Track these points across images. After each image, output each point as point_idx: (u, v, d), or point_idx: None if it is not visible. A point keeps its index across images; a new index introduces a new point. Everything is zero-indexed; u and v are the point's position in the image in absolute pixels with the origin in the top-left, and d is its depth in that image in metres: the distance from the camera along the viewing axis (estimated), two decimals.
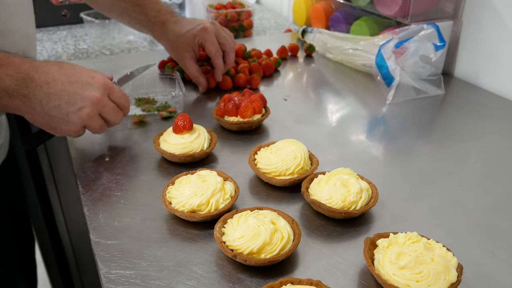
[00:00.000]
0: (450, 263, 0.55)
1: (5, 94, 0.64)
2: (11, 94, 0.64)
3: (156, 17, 1.00)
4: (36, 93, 0.65)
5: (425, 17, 1.14)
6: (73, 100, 0.68)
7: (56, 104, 0.67)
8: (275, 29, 1.65)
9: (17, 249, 0.97)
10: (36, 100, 0.65)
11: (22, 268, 0.99)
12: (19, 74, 0.64)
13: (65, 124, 0.69)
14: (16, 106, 0.66)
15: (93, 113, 0.70)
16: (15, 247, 0.96)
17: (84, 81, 0.69)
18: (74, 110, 0.68)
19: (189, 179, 0.69)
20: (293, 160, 0.72)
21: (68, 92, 0.67)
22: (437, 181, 0.78)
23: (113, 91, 0.72)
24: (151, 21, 1.00)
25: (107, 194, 0.72)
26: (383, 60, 1.05)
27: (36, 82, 0.65)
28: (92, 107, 0.69)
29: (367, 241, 0.59)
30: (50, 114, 0.67)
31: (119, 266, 0.59)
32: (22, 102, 0.65)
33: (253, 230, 0.58)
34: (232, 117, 0.88)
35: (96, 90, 0.69)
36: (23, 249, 1.01)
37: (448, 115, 1.02)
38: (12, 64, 0.65)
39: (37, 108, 0.66)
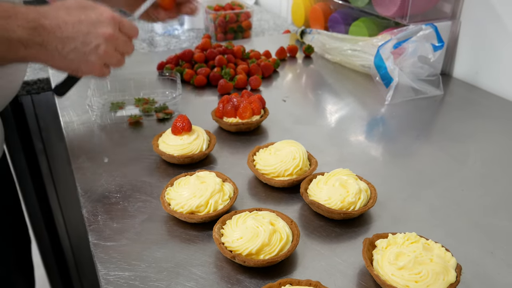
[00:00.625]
0: (449, 263, 0.55)
1: (20, 46, 0.64)
2: (26, 44, 0.64)
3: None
4: (50, 40, 0.65)
5: (423, 18, 1.14)
6: (87, 39, 0.67)
7: (72, 47, 0.67)
8: (273, 30, 1.65)
9: (14, 248, 0.97)
10: (52, 46, 0.65)
11: (19, 268, 0.99)
12: (29, 23, 0.63)
13: (85, 64, 0.69)
14: (33, 55, 0.66)
15: (109, 49, 0.70)
16: (12, 246, 0.96)
17: (94, 19, 0.68)
18: (90, 50, 0.68)
19: (188, 180, 0.69)
20: (292, 161, 0.72)
21: (82, 32, 0.67)
22: (436, 181, 0.78)
23: (123, 24, 0.72)
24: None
25: (106, 196, 0.72)
26: (381, 61, 1.05)
27: (48, 29, 0.64)
28: (107, 44, 0.69)
29: (366, 241, 0.59)
30: (68, 58, 0.67)
31: (118, 268, 0.59)
32: (38, 50, 0.65)
33: (252, 231, 0.58)
34: (231, 118, 0.88)
35: (107, 26, 0.69)
36: (20, 249, 1.01)
37: (447, 116, 1.02)
38: (20, 14, 0.64)
39: (54, 54, 0.66)
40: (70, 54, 0.67)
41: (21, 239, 1.02)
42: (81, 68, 0.69)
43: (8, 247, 0.93)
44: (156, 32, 1.61)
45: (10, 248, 0.94)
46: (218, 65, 1.15)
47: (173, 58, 1.19)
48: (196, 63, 1.17)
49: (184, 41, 1.51)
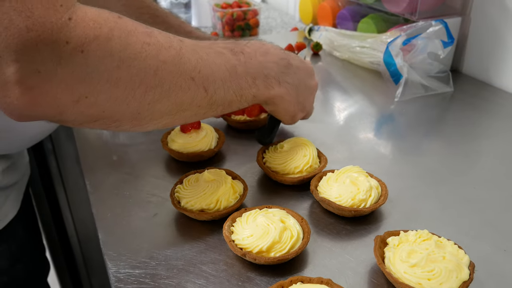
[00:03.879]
0: (462, 261, 0.54)
1: (275, 83, 0.64)
2: (279, 81, 0.65)
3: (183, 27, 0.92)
4: (294, 78, 0.66)
5: (433, 14, 1.13)
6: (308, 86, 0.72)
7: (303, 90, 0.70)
8: (281, 27, 1.64)
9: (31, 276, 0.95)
10: (295, 85, 0.67)
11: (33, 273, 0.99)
12: (282, 59, 0.65)
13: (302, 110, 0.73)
14: (280, 94, 0.66)
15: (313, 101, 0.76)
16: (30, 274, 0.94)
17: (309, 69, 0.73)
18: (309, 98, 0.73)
19: (198, 178, 0.69)
20: (302, 158, 0.72)
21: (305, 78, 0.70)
22: (447, 179, 0.77)
23: None
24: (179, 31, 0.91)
25: (115, 194, 0.72)
26: (391, 58, 1.04)
27: (293, 67, 0.67)
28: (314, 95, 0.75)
29: (377, 239, 0.58)
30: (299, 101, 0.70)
31: (128, 266, 0.59)
32: (286, 88, 0.66)
33: (263, 229, 0.58)
34: (239, 116, 0.87)
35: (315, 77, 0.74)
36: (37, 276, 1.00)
37: (457, 113, 1.01)
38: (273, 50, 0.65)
39: (293, 93, 0.68)
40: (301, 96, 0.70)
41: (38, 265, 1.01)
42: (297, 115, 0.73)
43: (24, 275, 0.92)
44: None
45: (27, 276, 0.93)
46: None
47: None
48: None
49: None
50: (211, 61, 0.55)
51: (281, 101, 0.67)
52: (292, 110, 0.71)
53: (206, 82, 0.54)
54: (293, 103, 0.69)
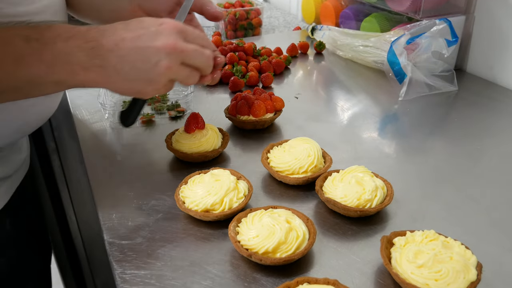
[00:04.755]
0: (469, 261, 0.54)
1: (80, 69, 0.58)
2: (85, 67, 0.58)
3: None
4: (109, 59, 0.59)
5: (437, 13, 1.12)
6: (146, 55, 0.60)
7: (131, 66, 0.60)
8: (284, 27, 1.64)
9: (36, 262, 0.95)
10: (111, 67, 0.59)
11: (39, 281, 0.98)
12: (88, 43, 0.58)
13: (149, 84, 0.62)
14: (93, 79, 0.60)
15: (172, 63, 0.61)
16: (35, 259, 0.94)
17: (152, 31, 0.60)
18: (151, 67, 0.60)
19: (202, 178, 0.68)
20: (307, 158, 0.71)
21: (139, 48, 0.59)
22: (452, 178, 0.77)
23: (188, 32, 0.63)
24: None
25: (120, 194, 0.72)
26: (395, 57, 1.04)
27: (105, 47, 0.58)
28: (168, 57, 0.60)
29: (384, 239, 0.58)
30: (129, 79, 0.60)
31: (134, 266, 0.59)
32: (98, 73, 0.59)
33: (268, 229, 0.57)
34: (245, 116, 0.87)
35: (168, 37, 0.60)
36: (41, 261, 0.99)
37: (461, 111, 1.00)
38: (79, 34, 0.58)
39: (113, 75, 0.60)
40: (130, 74, 0.60)
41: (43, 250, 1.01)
42: (145, 89, 0.62)
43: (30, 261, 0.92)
44: None
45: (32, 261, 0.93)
46: (229, 62, 1.15)
47: None
48: None
49: None
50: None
51: (98, 85, 0.61)
52: (127, 89, 0.62)
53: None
54: (120, 83, 0.61)
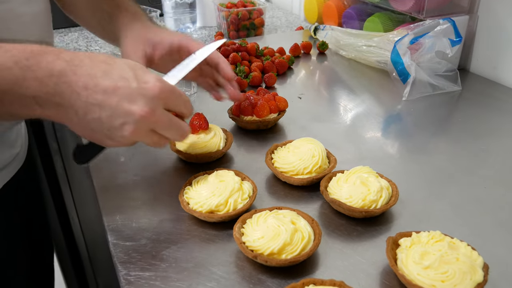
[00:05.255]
0: (476, 262, 0.54)
1: (34, 104, 0.52)
2: (42, 104, 0.53)
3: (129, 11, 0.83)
4: (72, 102, 0.53)
5: (440, 12, 1.12)
6: (116, 113, 0.53)
7: (96, 117, 0.54)
8: (286, 27, 1.63)
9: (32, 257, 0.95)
10: (73, 110, 0.53)
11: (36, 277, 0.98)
12: (51, 77, 0.52)
13: (110, 139, 0.56)
14: (50, 116, 0.55)
15: (138, 131, 0.55)
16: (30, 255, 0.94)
17: (133, 89, 0.54)
18: (116, 126, 0.54)
19: (207, 179, 0.68)
20: (311, 159, 0.71)
21: (111, 102, 0.53)
22: (457, 178, 0.76)
23: (170, 99, 0.57)
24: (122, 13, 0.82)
25: (123, 195, 0.72)
26: (398, 56, 1.04)
27: (72, 87, 0.52)
28: (136, 124, 0.54)
29: (389, 240, 0.58)
30: (90, 128, 0.55)
31: (138, 268, 0.58)
32: (57, 111, 0.54)
33: (273, 230, 0.57)
34: (248, 116, 0.87)
35: (146, 103, 0.54)
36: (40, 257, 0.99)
37: (465, 111, 1.00)
38: (44, 63, 0.52)
39: (74, 119, 0.54)
40: (92, 124, 0.54)
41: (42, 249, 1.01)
42: (105, 142, 0.57)
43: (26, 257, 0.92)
44: None
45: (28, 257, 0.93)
46: (232, 62, 1.14)
47: None
48: None
49: (196, 39, 1.51)
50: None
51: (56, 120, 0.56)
52: (86, 135, 0.57)
53: None
54: (79, 128, 0.56)
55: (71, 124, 0.56)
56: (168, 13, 1.57)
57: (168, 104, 0.57)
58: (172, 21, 1.57)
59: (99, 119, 0.54)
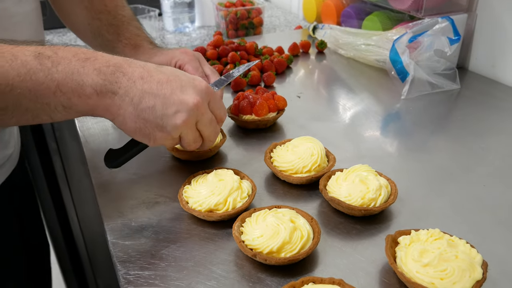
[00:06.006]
0: (475, 260, 0.54)
1: (92, 92, 0.55)
2: (99, 91, 0.55)
3: (130, 39, 0.87)
4: (128, 89, 0.56)
5: (439, 11, 1.12)
6: (170, 101, 0.58)
7: (151, 105, 0.57)
8: (285, 26, 1.64)
9: (28, 258, 0.95)
10: (128, 98, 0.56)
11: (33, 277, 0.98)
12: (109, 67, 0.56)
13: (160, 130, 0.59)
14: (105, 106, 0.57)
15: (190, 120, 0.59)
16: (26, 256, 0.94)
17: (184, 81, 0.59)
18: (169, 114, 0.58)
19: (206, 178, 0.68)
20: (310, 158, 0.71)
21: (165, 92, 0.57)
22: (456, 177, 0.77)
23: (214, 100, 0.62)
24: (122, 42, 0.87)
25: (122, 195, 0.72)
26: (397, 55, 1.04)
27: (128, 76, 0.56)
28: (189, 113, 0.58)
29: (389, 238, 0.58)
30: (143, 117, 0.58)
31: (138, 267, 0.58)
32: (112, 100, 0.56)
33: (273, 229, 0.57)
34: (247, 115, 0.87)
35: (197, 94, 0.59)
36: (35, 257, 0.99)
37: (464, 110, 1.00)
38: (100, 57, 0.56)
39: (128, 108, 0.57)
40: (146, 112, 0.57)
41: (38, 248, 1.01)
42: (154, 134, 0.59)
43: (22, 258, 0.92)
44: (167, 30, 1.60)
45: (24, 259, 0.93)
46: (231, 62, 1.14)
47: None
48: (209, 60, 1.16)
49: (195, 39, 1.51)
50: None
51: (108, 114, 0.58)
52: (135, 128, 0.59)
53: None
54: (131, 119, 0.58)
55: (124, 116, 0.58)
56: (167, 12, 1.57)
57: (211, 103, 0.62)
58: (170, 20, 1.57)
59: (153, 108, 0.57)
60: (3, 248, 0.85)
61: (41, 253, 1.02)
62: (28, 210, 0.97)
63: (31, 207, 0.99)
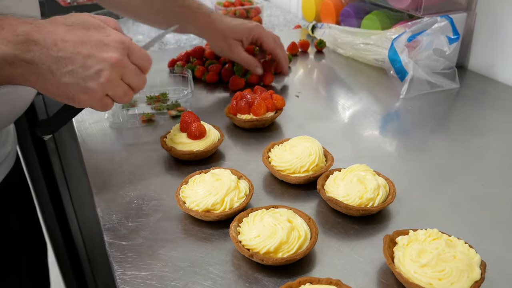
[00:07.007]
0: (473, 260, 0.53)
1: (4, 63, 0.54)
2: (11, 62, 0.54)
3: (200, 9, 1.00)
4: (43, 58, 0.55)
5: (438, 10, 1.12)
6: (88, 63, 0.57)
7: (69, 69, 0.56)
8: (284, 25, 1.63)
9: (27, 256, 0.95)
10: (45, 66, 0.55)
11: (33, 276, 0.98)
12: (18, 36, 0.54)
13: (84, 92, 0.59)
14: (22, 75, 0.56)
15: (113, 77, 0.59)
16: (25, 254, 0.94)
17: (98, 41, 0.58)
18: (91, 75, 0.57)
19: (203, 178, 0.68)
20: (308, 157, 0.71)
21: (82, 54, 0.57)
22: (455, 176, 0.76)
23: (133, 51, 0.62)
24: (194, 12, 0.99)
25: (120, 195, 0.72)
26: (396, 54, 1.04)
27: (41, 45, 0.55)
28: (111, 70, 0.58)
29: (387, 238, 0.57)
30: (64, 82, 0.57)
31: (134, 267, 0.58)
32: (28, 69, 0.56)
33: (270, 229, 0.57)
34: (245, 115, 0.86)
35: (114, 50, 0.59)
36: (34, 255, 0.99)
37: (463, 109, 1.00)
38: (8, 26, 0.55)
39: (47, 75, 0.56)
40: (66, 77, 0.57)
41: (35, 246, 1.01)
42: (78, 96, 0.59)
43: (21, 256, 0.92)
44: None
45: (23, 256, 0.93)
46: (229, 61, 1.14)
47: (183, 55, 1.18)
48: (207, 60, 1.16)
49: (194, 38, 1.50)
50: None
51: (27, 82, 0.58)
52: (59, 93, 0.59)
53: None
54: (52, 85, 0.58)
55: (44, 82, 0.57)
56: None
57: (130, 55, 0.61)
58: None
59: (72, 71, 0.57)
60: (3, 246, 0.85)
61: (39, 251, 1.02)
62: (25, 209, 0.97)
63: (29, 206, 0.99)
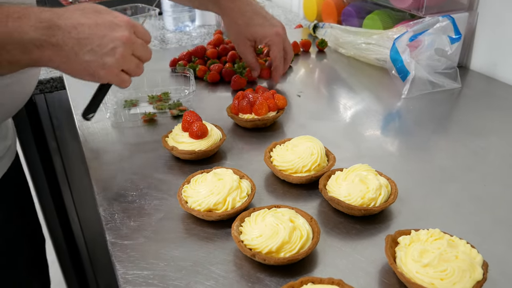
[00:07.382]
0: (475, 260, 0.53)
1: (33, 47, 0.62)
2: (39, 45, 0.62)
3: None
4: (66, 40, 0.63)
5: (439, 9, 1.11)
6: (104, 42, 0.66)
7: (89, 49, 0.65)
8: (285, 25, 1.62)
9: (27, 250, 0.96)
10: (68, 47, 0.64)
11: (32, 269, 0.99)
12: (42, 23, 0.62)
13: (102, 67, 0.67)
14: (48, 57, 0.64)
15: (126, 53, 0.68)
16: (25, 247, 0.95)
17: (110, 22, 0.67)
18: (107, 52, 0.66)
19: (205, 177, 0.68)
20: (310, 157, 0.71)
21: (98, 34, 0.65)
22: (456, 176, 0.76)
23: (137, 28, 0.71)
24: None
25: (122, 194, 0.72)
26: (397, 54, 1.03)
27: (63, 29, 0.63)
28: (124, 47, 0.67)
29: (388, 238, 0.57)
30: (85, 60, 0.65)
31: (136, 267, 0.58)
32: (54, 51, 0.63)
33: (272, 229, 0.57)
34: (247, 115, 0.87)
35: (124, 29, 0.68)
36: (33, 250, 1.00)
37: (465, 109, 1.00)
38: (32, 14, 0.62)
39: (70, 55, 0.64)
40: (87, 56, 0.65)
41: (34, 239, 1.02)
42: (98, 72, 0.68)
43: (20, 248, 0.93)
44: (167, 29, 1.60)
45: (22, 249, 0.94)
46: (230, 60, 1.14)
47: (185, 54, 1.18)
48: (209, 59, 1.16)
49: (195, 38, 1.51)
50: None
51: (51, 63, 0.65)
52: (81, 70, 0.67)
53: None
54: (75, 64, 0.66)
55: (68, 62, 0.65)
56: (167, 11, 1.56)
57: (136, 32, 0.70)
58: (171, 19, 1.57)
59: (92, 50, 0.65)
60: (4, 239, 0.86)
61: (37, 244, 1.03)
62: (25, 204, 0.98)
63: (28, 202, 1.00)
